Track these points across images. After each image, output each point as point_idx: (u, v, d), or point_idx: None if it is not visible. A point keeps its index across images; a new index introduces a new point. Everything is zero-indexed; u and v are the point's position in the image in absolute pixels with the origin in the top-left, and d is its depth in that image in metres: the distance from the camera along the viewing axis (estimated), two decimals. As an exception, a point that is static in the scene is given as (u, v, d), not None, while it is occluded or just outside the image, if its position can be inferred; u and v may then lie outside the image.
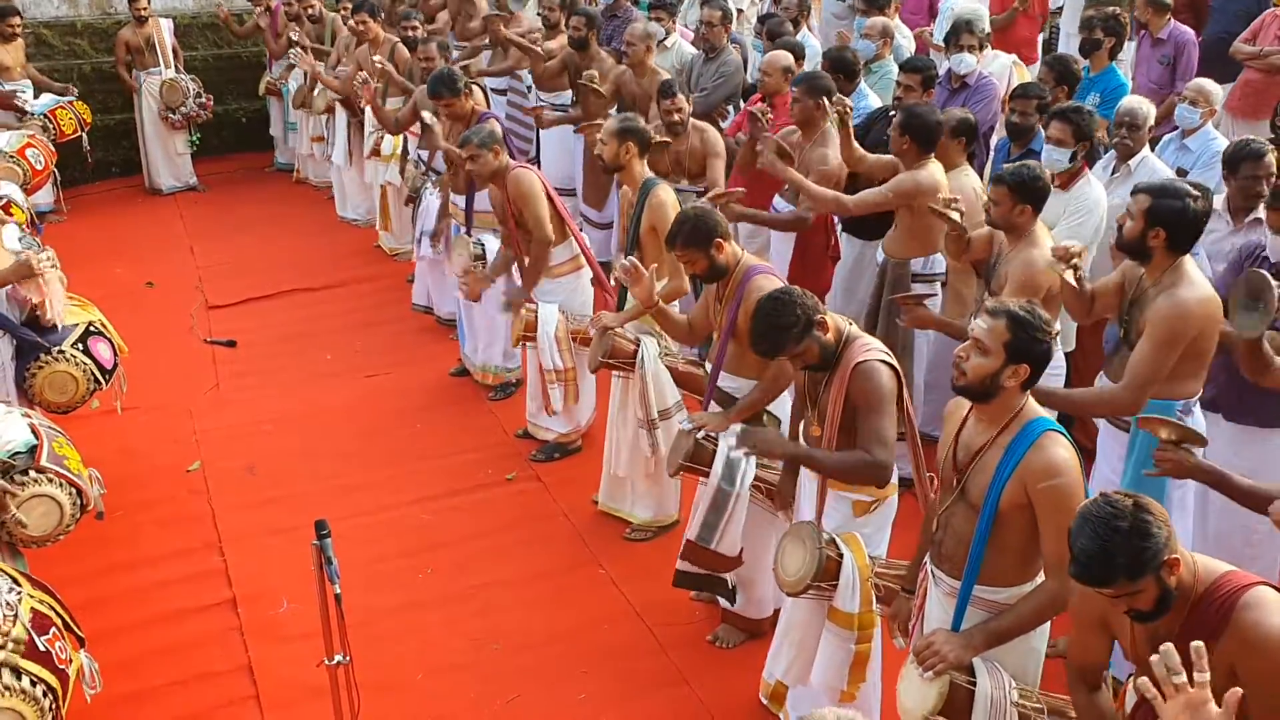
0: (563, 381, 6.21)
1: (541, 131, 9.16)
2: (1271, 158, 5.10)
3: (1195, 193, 4.12)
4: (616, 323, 5.54)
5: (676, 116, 6.62)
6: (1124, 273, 4.41)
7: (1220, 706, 2.35)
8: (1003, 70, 7.95)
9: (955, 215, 4.95)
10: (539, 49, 8.55)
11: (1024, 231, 4.79)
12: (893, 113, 6.70)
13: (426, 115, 7.26)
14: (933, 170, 5.61)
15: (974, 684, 3.29)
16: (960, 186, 5.75)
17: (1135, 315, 4.25)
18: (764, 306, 3.95)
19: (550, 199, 6.22)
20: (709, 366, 4.99)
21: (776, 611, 4.79)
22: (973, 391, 3.35)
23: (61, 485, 4.64)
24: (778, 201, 6.57)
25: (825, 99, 6.17)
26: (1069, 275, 4.33)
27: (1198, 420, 4.34)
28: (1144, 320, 4.15)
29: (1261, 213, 4.88)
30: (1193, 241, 4.16)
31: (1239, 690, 2.37)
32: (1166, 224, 4.06)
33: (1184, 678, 2.36)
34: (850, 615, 4.03)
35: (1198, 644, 2.39)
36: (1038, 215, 4.81)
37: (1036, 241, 4.77)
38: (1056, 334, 3.39)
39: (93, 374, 5.66)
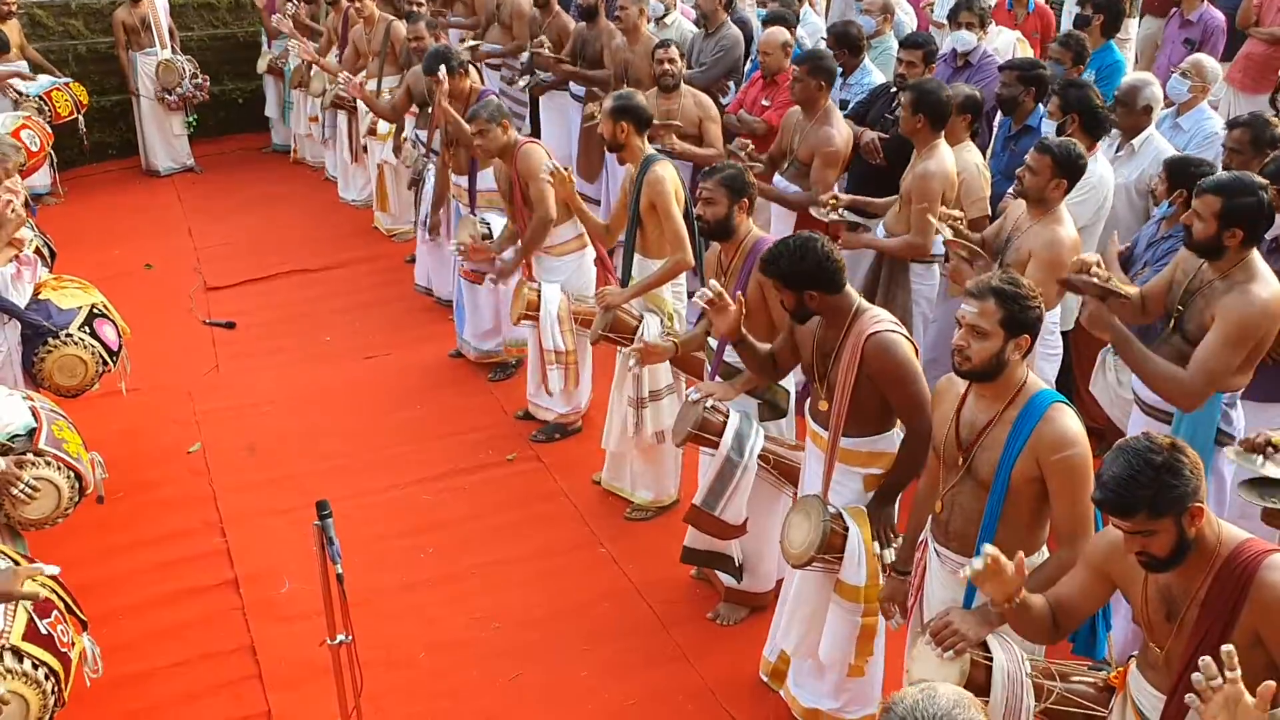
0: (563, 365, 6.19)
1: (541, 108, 9.14)
2: (1240, 132, 5.10)
3: (1263, 181, 4.00)
4: (621, 301, 5.53)
5: (669, 67, 6.64)
6: (1179, 264, 4.30)
7: (1255, 698, 2.37)
8: (1007, 46, 7.92)
9: (955, 225, 4.95)
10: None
11: (1051, 206, 4.76)
12: (893, 89, 6.68)
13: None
14: (941, 156, 5.56)
15: (990, 659, 3.29)
16: (963, 162, 5.74)
17: (1195, 305, 4.11)
18: (807, 240, 3.93)
19: None
20: (713, 343, 4.97)
21: (779, 584, 4.80)
22: (979, 374, 3.35)
23: (59, 469, 4.63)
24: (778, 180, 6.54)
25: (825, 82, 6.14)
26: (1096, 278, 4.19)
27: (1240, 413, 4.29)
28: (1208, 311, 4.01)
29: None
30: (1266, 231, 4.05)
31: (1272, 684, 2.38)
32: (1243, 222, 3.92)
33: (1221, 682, 2.38)
34: (856, 589, 4.04)
35: (1228, 647, 2.40)
36: (1067, 194, 4.79)
37: (1060, 219, 4.75)
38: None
39: (100, 356, 5.66)
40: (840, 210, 5.74)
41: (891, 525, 4.08)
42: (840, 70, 7.34)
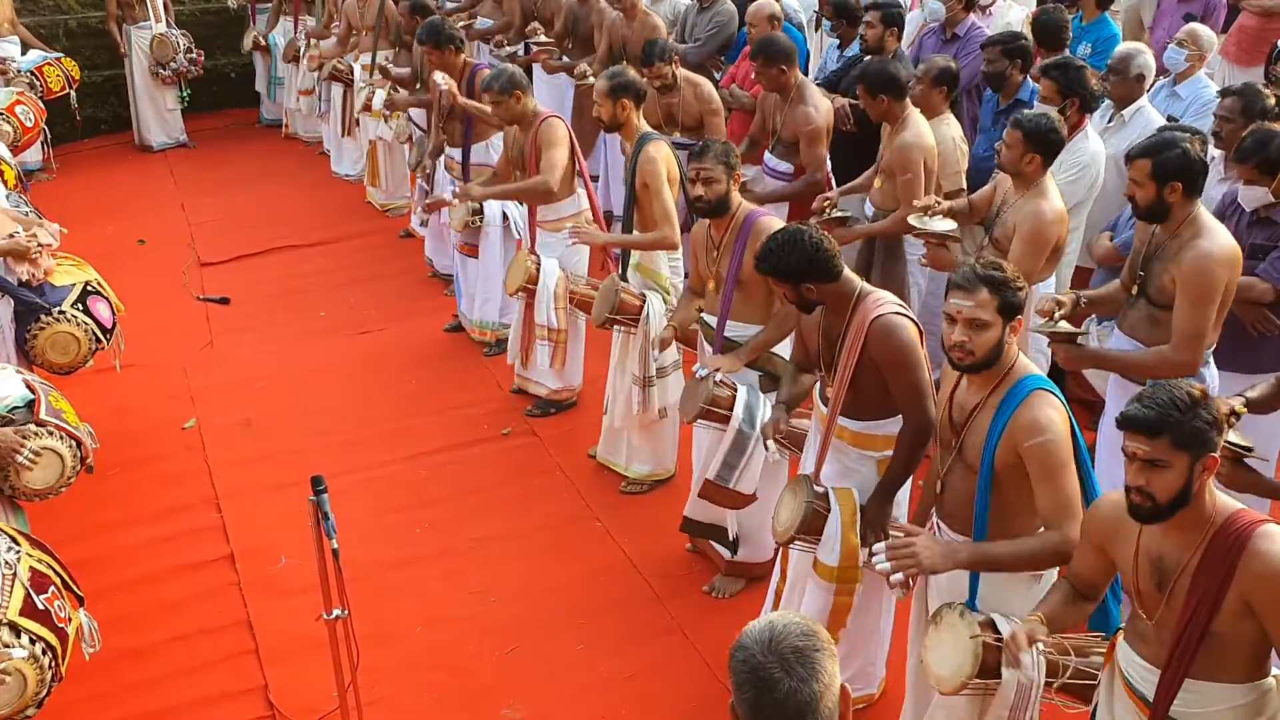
0: (552, 342, 6.20)
1: (534, 80, 9.09)
2: (1232, 101, 5.11)
3: (1185, 133, 4.11)
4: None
5: (659, 82, 6.59)
6: (1136, 232, 4.37)
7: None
8: (1019, 22, 7.85)
9: (940, 228, 4.96)
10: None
11: (1032, 180, 4.76)
12: (866, 57, 6.65)
13: (439, 77, 7.07)
14: (915, 123, 5.57)
15: (1001, 641, 3.29)
16: (941, 135, 5.74)
17: (1154, 268, 4.20)
18: (795, 232, 3.87)
19: (573, 153, 6.18)
20: (709, 319, 4.97)
21: (776, 554, 4.82)
22: (983, 365, 3.35)
23: (61, 438, 4.63)
24: (769, 159, 6.52)
25: (784, 65, 6.14)
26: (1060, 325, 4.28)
27: (1213, 372, 4.32)
28: (1166, 274, 4.10)
29: None
30: (1204, 180, 4.14)
31: None
32: (1177, 175, 4.02)
33: None
34: (830, 568, 4.01)
35: None
36: (1047, 167, 4.79)
37: (1045, 193, 4.75)
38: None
39: (93, 333, 5.66)
40: (828, 210, 5.74)
41: (884, 525, 3.96)
42: (839, 41, 7.33)
